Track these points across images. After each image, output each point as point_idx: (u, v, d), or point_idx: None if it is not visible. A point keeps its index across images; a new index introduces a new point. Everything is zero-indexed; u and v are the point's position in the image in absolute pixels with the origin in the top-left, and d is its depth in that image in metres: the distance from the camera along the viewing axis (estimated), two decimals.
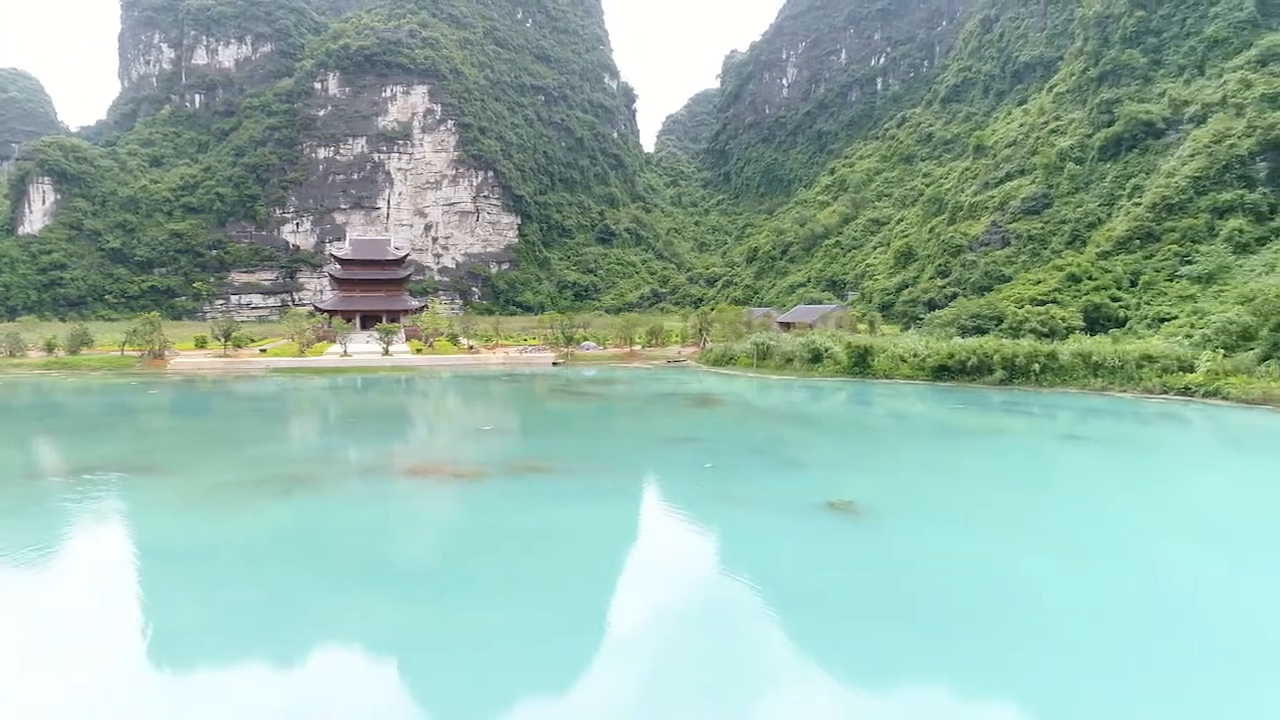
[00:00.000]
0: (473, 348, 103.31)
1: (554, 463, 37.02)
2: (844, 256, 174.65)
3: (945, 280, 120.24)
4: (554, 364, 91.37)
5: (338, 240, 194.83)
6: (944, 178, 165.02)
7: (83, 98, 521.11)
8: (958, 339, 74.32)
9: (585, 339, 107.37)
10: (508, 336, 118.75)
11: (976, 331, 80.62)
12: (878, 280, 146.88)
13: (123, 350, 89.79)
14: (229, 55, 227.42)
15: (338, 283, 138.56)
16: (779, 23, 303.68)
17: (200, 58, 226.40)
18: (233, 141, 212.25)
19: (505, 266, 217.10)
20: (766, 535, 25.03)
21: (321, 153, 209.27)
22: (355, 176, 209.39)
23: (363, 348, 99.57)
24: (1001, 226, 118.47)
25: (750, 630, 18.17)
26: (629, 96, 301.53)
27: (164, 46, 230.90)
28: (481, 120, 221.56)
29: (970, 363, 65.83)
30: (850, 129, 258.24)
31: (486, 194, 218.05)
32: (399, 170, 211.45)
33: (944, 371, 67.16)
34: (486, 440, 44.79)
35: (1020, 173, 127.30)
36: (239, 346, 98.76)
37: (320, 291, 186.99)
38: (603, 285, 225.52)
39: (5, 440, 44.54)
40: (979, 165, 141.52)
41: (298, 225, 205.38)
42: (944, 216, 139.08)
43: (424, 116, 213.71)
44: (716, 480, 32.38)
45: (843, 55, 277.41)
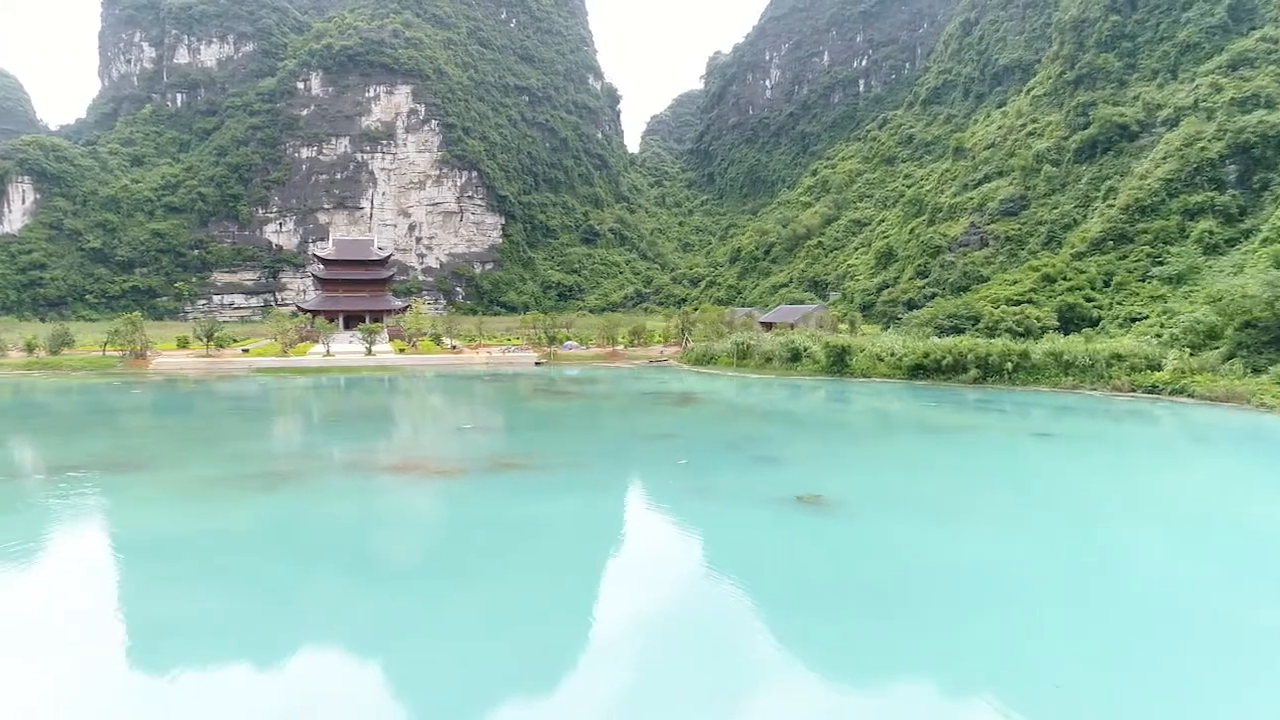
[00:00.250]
0: (456, 348, 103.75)
1: (533, 459, 37.74)
2: (826, 257, 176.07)
3: (925, 280, 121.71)
4: (536, 364, 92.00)
5: (321, 240, 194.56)
6: (924, 179, 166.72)
7: (62, 97, 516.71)
8: (934, 338, 75.55)
9: (568, 339, 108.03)
10: (491, 336, 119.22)
11: (953, 331, 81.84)
12: (859, 280, 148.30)
13: (104, 350, 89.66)
14: (211, 54, 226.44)
15: (321, 283, 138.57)
16: (762, 24, 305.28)
17: (182, 57, 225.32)
18: (215, 141, 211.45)
19: (489, 267, 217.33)
20: (734, 527, 25.88)
21: (304, 152, 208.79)
22: (338, 176, 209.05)
23: (346, 348, 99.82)
24: (980, 228, 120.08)
25: (717, 616, 18.96)
26: (613, 97, 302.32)
27: (145, 45, 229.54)
28: (465, 120, 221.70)
29: (945, 362, 67.01)
30: (833, 130, 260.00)
31: (470, 194, 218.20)
32: (382, 170, 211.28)
33: (920, 370, 68.32)
34: (468, 438, 45.42)
35: (998, 174, 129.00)
36: (221, 346, 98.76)
37: (303, 292, 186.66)
38: (587, 285, 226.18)
39: None
40: (958, 167, 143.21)
41: (281, 225, 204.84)
42: (924, 218, 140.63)
43: (407, 116, 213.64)
44: (690, 475, 33.20)
45: (825, 57, 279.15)
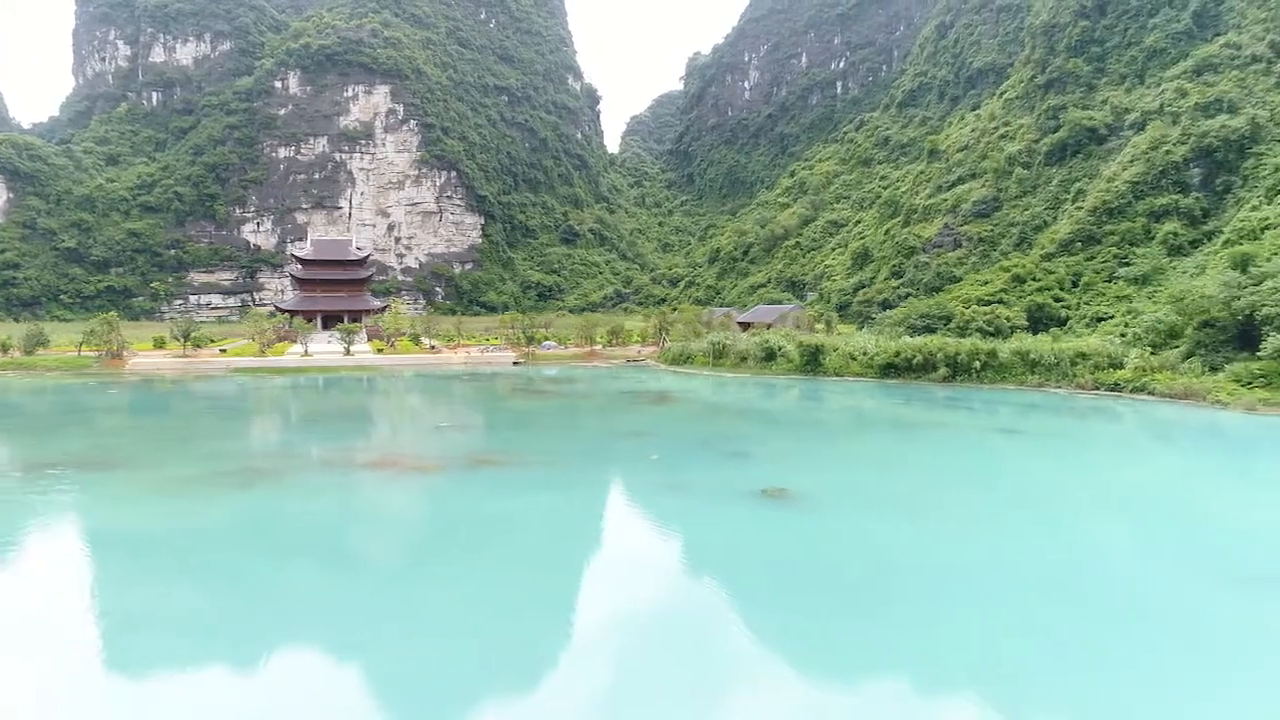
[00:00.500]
0: (434, 347, 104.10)
1: (509, 456, 38.48)
2: (803, 258, 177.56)
3: (899, 281, 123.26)
4: (515, 363, 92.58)
5: (299, 240, 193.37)
6: (900, 181, 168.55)
7: (35, 95, 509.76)
8: (906, 338, 76.86)
9: (546, 339, 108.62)
10: (470, 336, 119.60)
11: (926, 330, 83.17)
12: (835, 281, 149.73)
13: (79, 351, 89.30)
14: (187, 53, 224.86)
15: (299, 283, 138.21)
16: (741, 26, 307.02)
17: (157, 55, 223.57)
18: (191, 140, 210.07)
19: (469, 267, 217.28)
20: (701, 520, 26.81)
21: (282, 152, 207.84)
22: (317, 176, 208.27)
23: (324, 348, 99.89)
24: (953, 229, 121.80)
25: (682, 604, 19.87)
26: (592, 98, 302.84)
27: (120, 43, 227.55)
28: (444, 120, 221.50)
29: (916, 360, 68.32)
30: (811, 131, 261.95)
31: (450, 194, 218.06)
32: (361, 170, 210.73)
33: (891, 369, 69.58)
34: (445, 436, 46.05)
35: (972, 176, 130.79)
36: (199, 347, 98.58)
37: (281, 292, 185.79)
38: (567, 285, 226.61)
39: None
40: (933, 169, 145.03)
41: (258, 225, 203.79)
42: (899, 219, 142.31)
43: (386, 116, 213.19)
44: (661, 471, 34.08)
45: (803, 59, 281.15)
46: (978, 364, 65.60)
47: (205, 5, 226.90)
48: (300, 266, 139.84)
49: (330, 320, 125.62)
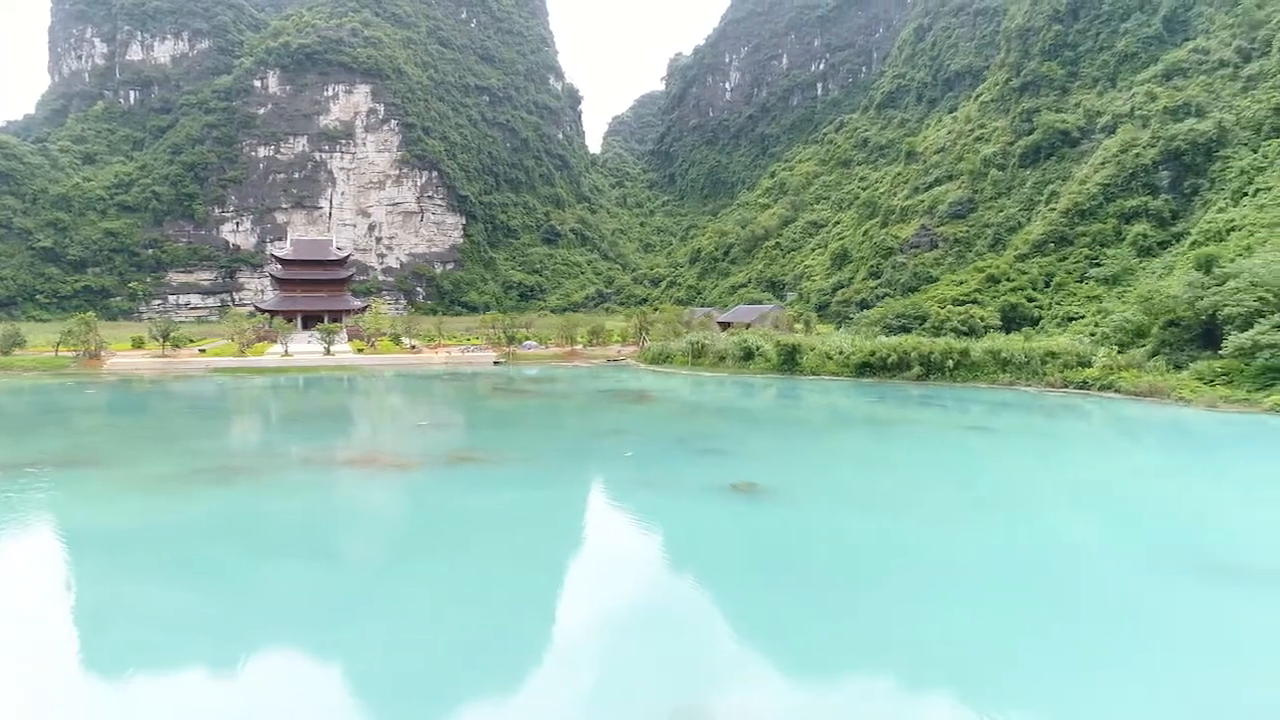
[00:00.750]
0: (415, 347, 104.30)
1: (487, 454, 39.07)
2: (783, 258, 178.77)
3: (877, 281, 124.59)
4: (495, 363, 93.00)
5: (279, 240, 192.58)
6: (878, 182, 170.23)
7: (9, 93, 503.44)
8: (881, 337, 77.97)
9: (527, 338, 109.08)
10: (451, 336, 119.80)
11: (901, 330, 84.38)
12: (815, 281, 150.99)
13: (56, 351, 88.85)
14: (165, 51, 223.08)
15: (279, 283, 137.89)
16: (722, 27, 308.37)
17: (135, 53, 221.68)
18: (169, 139, 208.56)
19: (450, 267, 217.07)
20: (669, 512, 27.61)
21: (262, 151, 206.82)
22: (297, 176, 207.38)
23: (304, 348, 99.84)
24: (930, 230, 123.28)
25: (649, 590, 20.58)
26: (574, 98, 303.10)
27: (96, 41, 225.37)
28: (425, 120, 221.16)
29: (890, 359, 69.43)
30: (791, 133, 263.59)
31: (431, 194, 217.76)
32: (341, 170, 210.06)
33: (866, 368, 70.66)
34: (424, 434, 46.53)
35: (948, 178, 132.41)
36: (177, 347, 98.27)
37: (261, 292, 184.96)
38: (548, 286, 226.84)
39: None
40: (910, 170, 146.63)
41: (238, 225, 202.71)
42: (877, 220, 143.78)
43: (366, 116, 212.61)
44: (636, 467, 34.81)
45: (784, 60, 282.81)
46: (950, 363, 66.78)
47: (183, 3, 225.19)
48: (280, 266, 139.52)
49: (310, 320, 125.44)
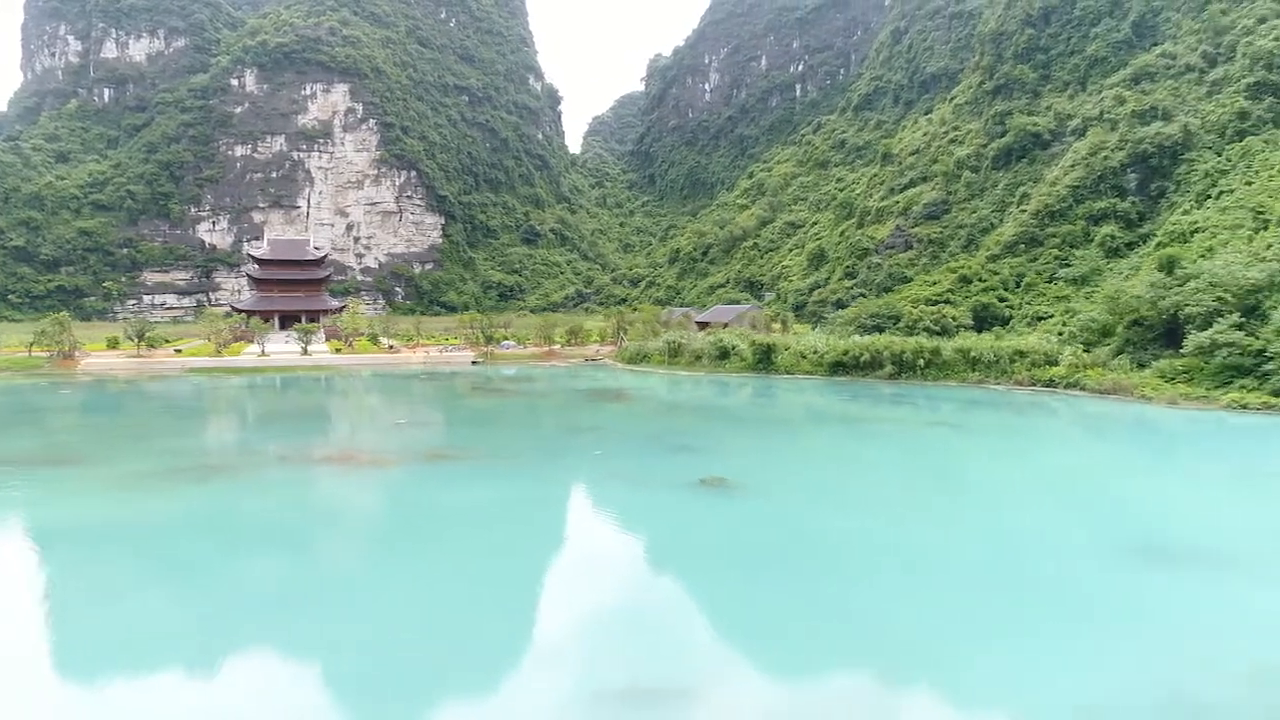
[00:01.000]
0: (393, 347, 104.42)
1: (463, 451, 39.62)
2: (761, 258, 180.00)
3: (853, 281, 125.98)
4: (474, 363, 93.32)
5: (256, 240, 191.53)
6: (855, 183, 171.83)
7: None
8: (855, 337, 79.06)
9: (506, 338, 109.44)
10: (429, 336, 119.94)
11: (875, 330, 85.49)
12: (792, 281, 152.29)
13: (30, 351, 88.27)
14: (140, 49, 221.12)
15: (256, 283, 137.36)
16: (701, 28, 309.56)
17: (109, 51, 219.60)
18: (144, 138, 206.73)
19: (429, 267, 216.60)
20: (637, 505, 28.41)
21: (239, 150, 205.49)
22: (274, 175, 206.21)
23: (281, 347, 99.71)
24: (905, 230, 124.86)
25: (612, 577, 21.28)
26: (554, 98, 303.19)
27: (70, 38, 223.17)
28: (404, 120, 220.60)
29: (863, 359, 70.50)
30: (770, 134, 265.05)
31: (409, 194, 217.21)
32: (319, 169, 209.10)
33: (840, 367, 71.68)
34: (401, 433, 46.97)
35: (923, 179, 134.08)
36: (153, 347, 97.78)
37: (238, 291, 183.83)
38: (528, 286, 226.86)
39: None
40: (886, 172, 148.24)
41: (214, 224, 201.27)
42: (853, 220, 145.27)
43: (345, 115, 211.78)
44: (608, 463, 35.52)
45: (763, 61, 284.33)
46: (922, 362, 67.91)
47: (159, 1, 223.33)
48: (257, 266, 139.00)
49: (288, 320, 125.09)
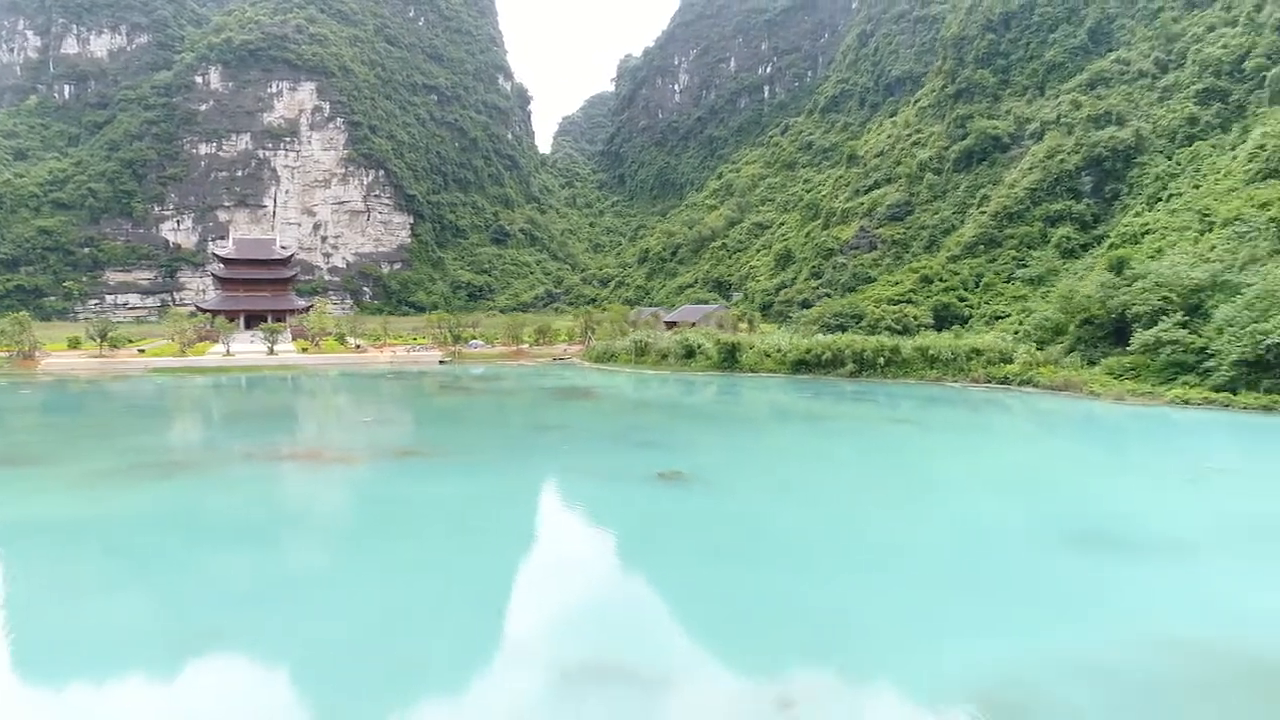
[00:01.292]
0: (360, 347, 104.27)
1: (428, 448, 40.19)
2: (729, 259, 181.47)
3: (818, 281, 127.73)
4: (441, 362, 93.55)
5: (221, 239, 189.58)
6: (821, 184, 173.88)
7: None
8: (819, 336, 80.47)
9: (474, 338, 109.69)
10: (397, 336, 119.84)
11: (839, 329, 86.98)
12: (759, 281, 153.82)
13: None
14: (102, 45, 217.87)
15: (221, 282, 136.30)
16: (671, 29, 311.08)
17: (70, 47, 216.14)
18: (106, 135, 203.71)
19: (398, 266, 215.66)
20: (594, 497, 29.33)
21: (203, 148, 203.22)
22: (240, 174, 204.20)
23: (247, 347, 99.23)
24: (869, 231, 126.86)
25: (572, 564, 22.08)
26: (523, 98, 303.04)
27: (29, 34, 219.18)
28: (372, 119, 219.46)
29: (825, 357, 71.86)
30: (739, 135, 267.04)
31: (378, 193, 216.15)
32: (286, 168, 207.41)
33: (803, 365, 72.98)
34: (367, 430, 47.34)
35: (887, 181, 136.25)
36: (116, 347, 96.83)
37: (203, 291, 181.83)
38: (497, 285, 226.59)
39: None
40: (851, 174, 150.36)
41: (178, 223, 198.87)
42: (819, 221, 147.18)
43: (312, 114, 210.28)
44: (570, 459, 36.33)
45: (732, 63, 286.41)
46: (882, 360, 69.40)
47: None
48: (222, 266, 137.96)
49: (253, 320, 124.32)
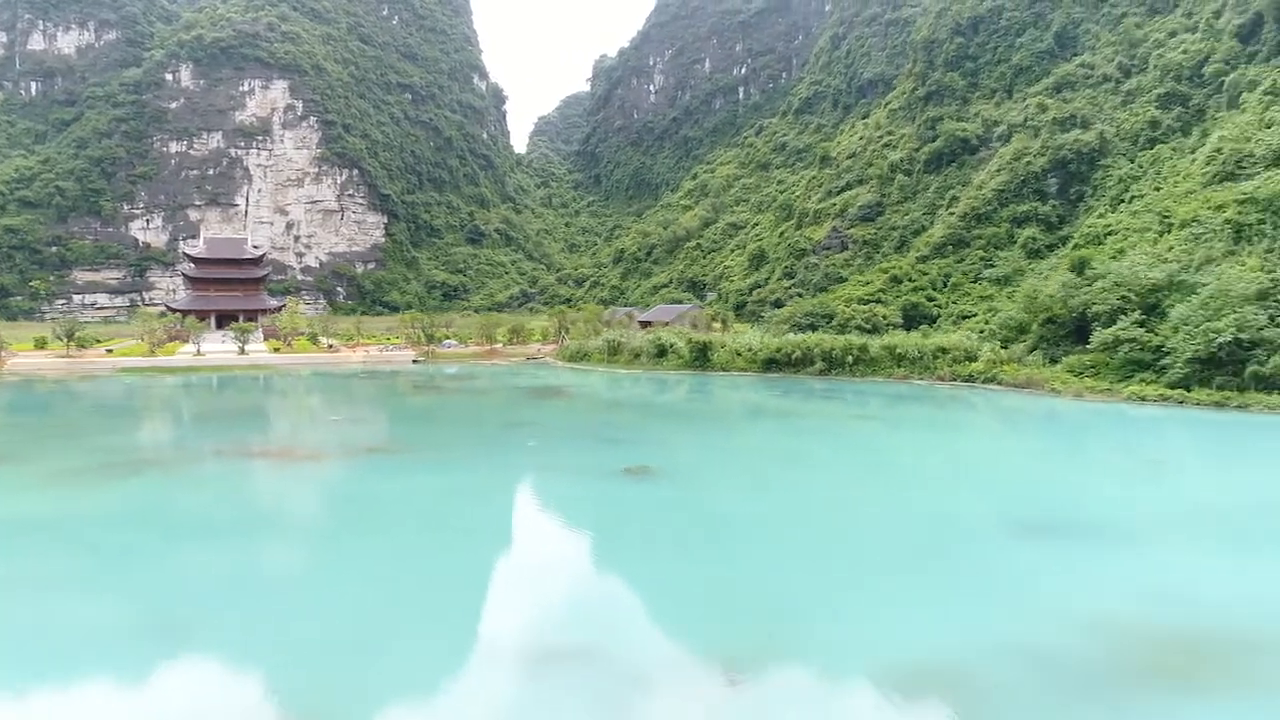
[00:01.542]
0: (332, 346, 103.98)
1: (397, 445, 40.54)
2: (704, 259, 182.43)
3: (791, 281, 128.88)
4: (415, 362, 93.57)
5: (191, 238, 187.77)
6: (795, 185, 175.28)
7: None
8: (790, 335, 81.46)
9: (447, 338, 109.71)
10: (370, 336, 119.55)
11: (810, 328, 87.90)
12: (733, 281, 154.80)
13: None
14: (69, 41, 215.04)
15: (192, 282, 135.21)
16: (646, 30, 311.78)
17: (36, 43, 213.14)
18: (74, 133, 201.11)
19: (372, 266, 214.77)
20: (560, 491, 29.97)
21: (174, 147, 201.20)
22: (211, 172, 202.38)
23: (218, 347, 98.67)
24: (841, 232, 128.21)
25: (534, 552, 22.65)
26: (498, 98, 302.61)
27: None
28: (345, 118, 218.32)
29: (795, 356, 72.85)
30: (714, 135, 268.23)
31: (351, 192, 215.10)
32: (258, 167, 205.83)
33: (773, 364, 73.94)
34: (337, 429, 47.56)
35: (859, 182, 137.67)
36: (83, 347, 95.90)
37: (173, 291, 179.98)
38: (472, 285, 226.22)
39: None
40: (824, 175, 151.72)
41: (148, 222, 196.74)
42: (792, 222, 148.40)
43: (284, 112, 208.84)
44: (540, 455, 36.86)
45: (707, 64, 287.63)
46: (850, 359, 70.50)
47: None
48: (193, 265, 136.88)
49: (225, 320, 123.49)
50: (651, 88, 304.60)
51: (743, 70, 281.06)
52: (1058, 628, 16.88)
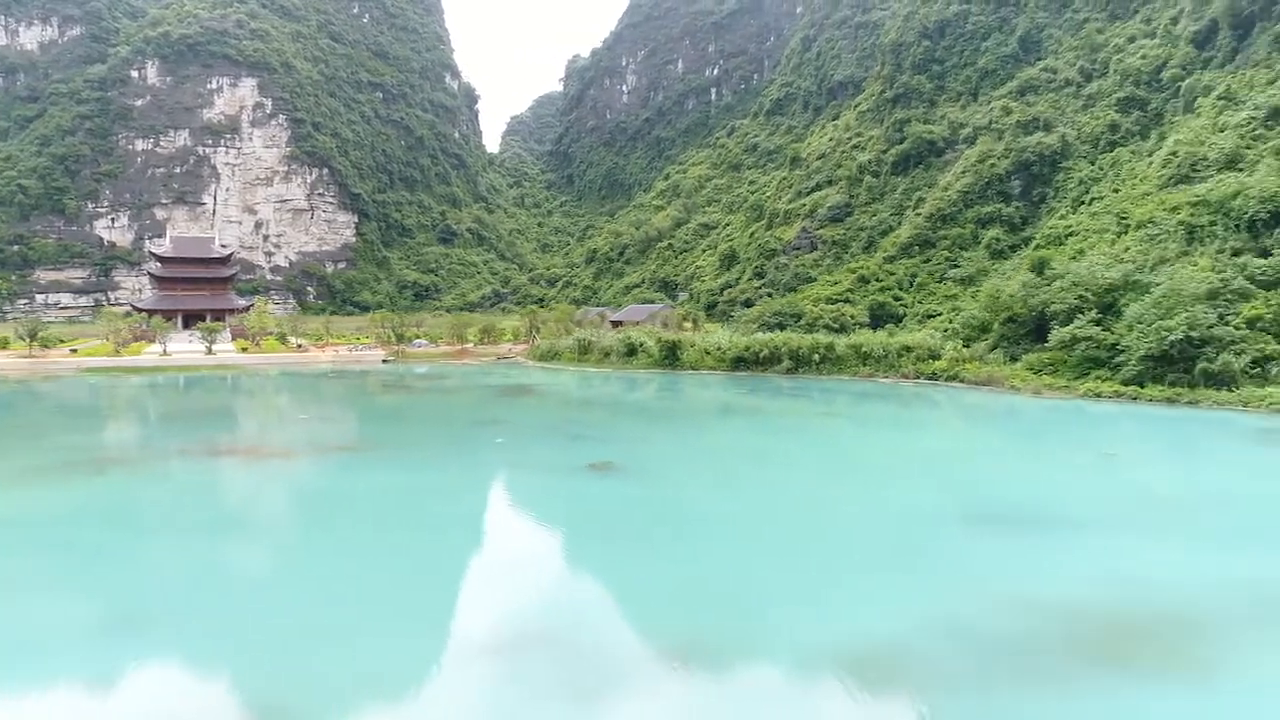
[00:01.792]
0: (301, 346, 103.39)
1: (365, 444, 40.68)
2: (676, 259, 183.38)
3: (761, 281, 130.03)
4: (384, 361, 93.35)
5: (158, 237, 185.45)
6: (766, 186, 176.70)
7: None
8: (758, 334, 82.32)
9: (418, 337, 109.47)
10: (340, 335, 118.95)
11: (778, 327, 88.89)
12: (705, 281, 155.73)
13: None
14: (32, 37, 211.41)
15: (158, 281, 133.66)
16: (619, 30, 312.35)
17: None
18: (37, 130, 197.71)
19: (342, 266, 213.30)
20: (525, 486, 30.43)
21: (140, 144, 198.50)
22: (178, 170, 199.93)
23: (184, 347, 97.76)
24: (810, 232, 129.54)
25: (502, 546, 23.05)
26: (470, 97, 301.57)
27: None
28: (315, 116, 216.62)
29: (763, 354, 73.69)
30: (686, 136, 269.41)
31: (321, 191, 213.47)
32: (226, 165, 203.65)
33: (741, 362, 74.73)
34: (304, 427, 47.56)
35: (828, 183, 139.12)
36: (47, 347, 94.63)
37: (139, 290, 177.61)
38: (444, 285, 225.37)
39: None
40: (794, 175, 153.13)
41: (113, 221, 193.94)
42: (763, 222, 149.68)
43: (253, 110, 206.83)
44: (506, 451, 37.21)
45: (679, 65, 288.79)
46: (817, 357, 71.46)
47: None
48: (160, 264, 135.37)
49: (192, 319, 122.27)
50: (624, 88, 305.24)
51: (715, 71, 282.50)
52: (1012, 613, 17.59)
